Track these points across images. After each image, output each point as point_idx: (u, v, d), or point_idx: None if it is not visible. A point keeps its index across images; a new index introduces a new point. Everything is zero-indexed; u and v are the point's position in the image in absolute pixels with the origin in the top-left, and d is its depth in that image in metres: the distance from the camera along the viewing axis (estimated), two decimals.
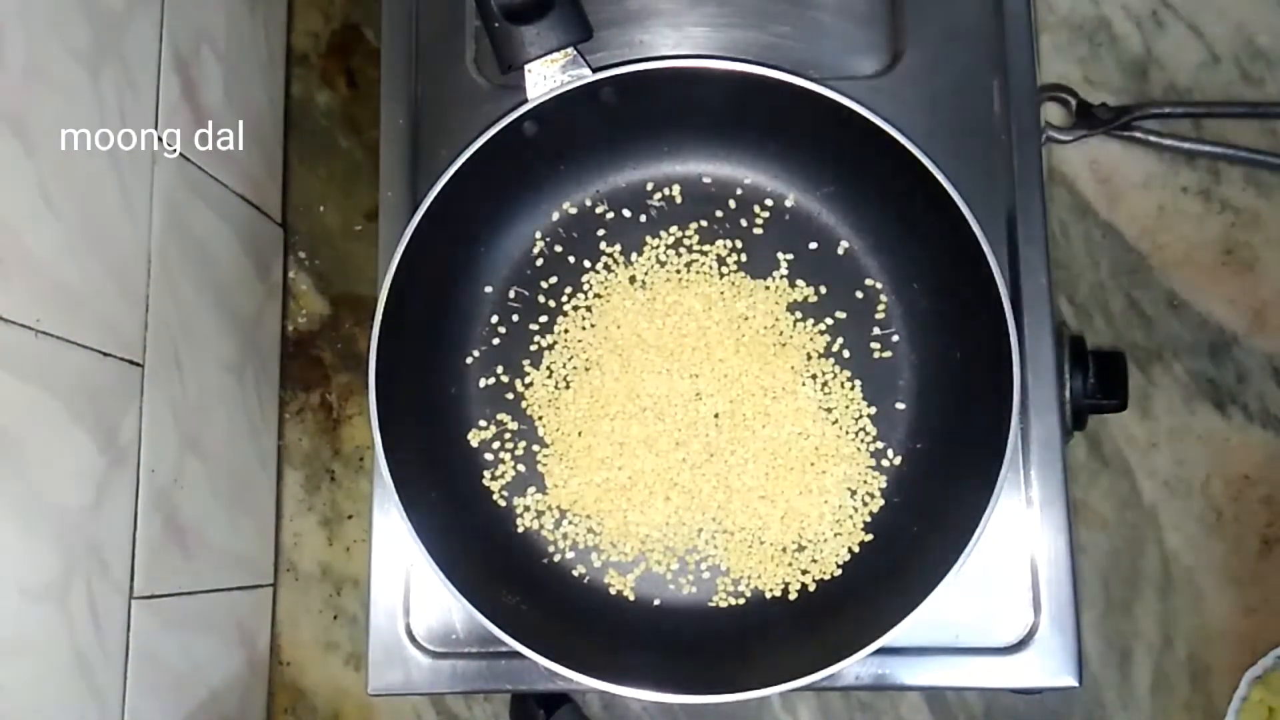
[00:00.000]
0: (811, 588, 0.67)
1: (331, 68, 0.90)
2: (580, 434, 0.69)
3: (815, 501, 0.68)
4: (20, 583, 0.57)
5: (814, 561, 0.67)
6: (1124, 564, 0.81)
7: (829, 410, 0.68)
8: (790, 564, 0.67)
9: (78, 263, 0.61)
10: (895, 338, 0.69)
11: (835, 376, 0.69)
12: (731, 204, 0.70)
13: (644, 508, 0.68)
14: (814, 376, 0.69)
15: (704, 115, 0.68)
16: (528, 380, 0.69)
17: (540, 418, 0.69)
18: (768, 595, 0.67)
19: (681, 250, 0.70)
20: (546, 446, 0.69)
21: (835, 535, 0.67)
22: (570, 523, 0.69)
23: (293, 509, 0.86)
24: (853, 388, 0.69)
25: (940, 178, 0.62)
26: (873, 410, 0.69)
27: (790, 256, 0.70)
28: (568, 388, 0.69)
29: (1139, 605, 0.80)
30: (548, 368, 0.69)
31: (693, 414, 0.68)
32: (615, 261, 0.70)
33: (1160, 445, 0.82)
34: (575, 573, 0.68)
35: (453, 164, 0.64)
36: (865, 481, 0.68)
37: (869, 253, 0.70)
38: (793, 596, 0.67)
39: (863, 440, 0.68)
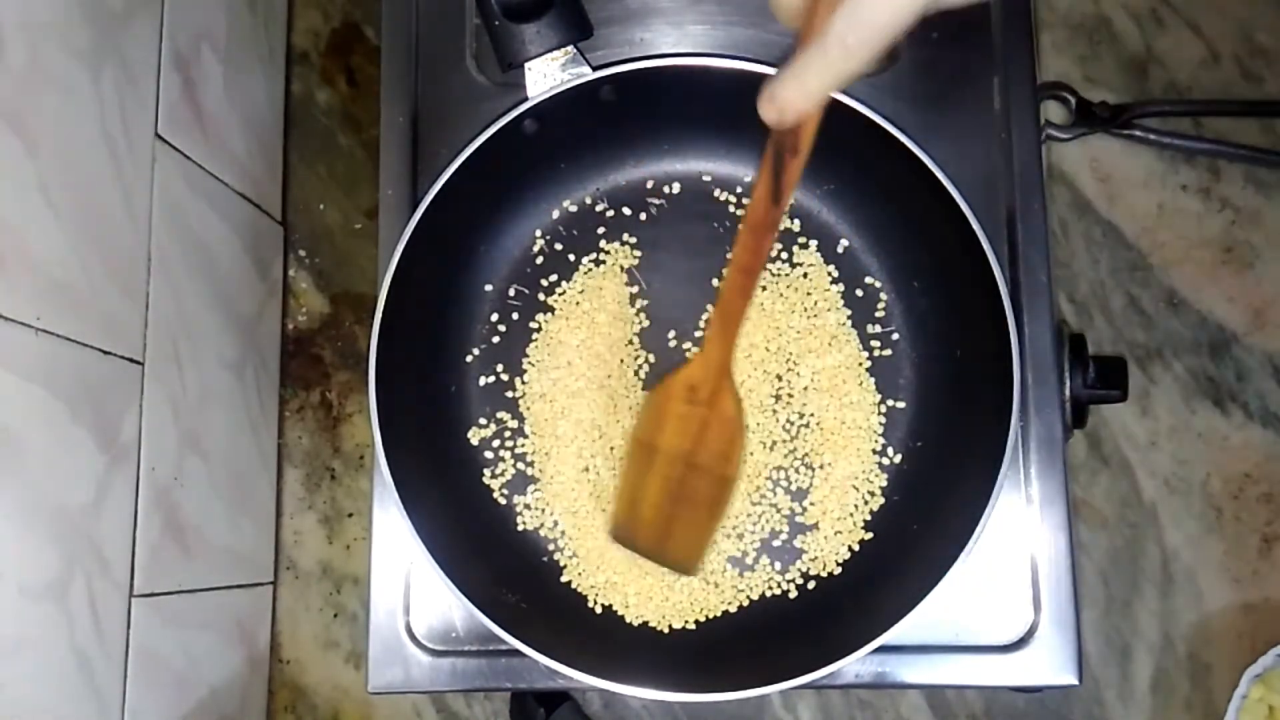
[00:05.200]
0: (811, 586, 0.67)
1: (332, 66, 0.90)
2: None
3: None
4: (20, 581, 0.57)
5: (814, 559, 0.67)
6: (1124, 562, 0.81)
7: None
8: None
9: (78, 261, 0.62)
10: (895, 336, 0.69)
11: None
12: (731, 202, 0.70)
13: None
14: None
15: (704, 113, 0.68)
16: (527, 378, 0.69)
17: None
18: (768, 593, 0.67)
19: (682, 247, 0.70)
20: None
21: (835, 533, 0.67)
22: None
23: (293, 507, 0.86)
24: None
25: (940, 176, 0.62)
26: None
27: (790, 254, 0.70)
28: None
29: (1139, 603, 0.80)
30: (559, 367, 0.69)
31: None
32: (615, 258, 0.70)
33: (1160, 443, 0.82)
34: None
35: (453, 162, 0.64)
36: (866, 479, 0.68)
37: (869, 251, 0.70)
38: (792, 594, 0.67)
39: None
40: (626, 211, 0.71)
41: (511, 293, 0.70)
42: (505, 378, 0.70)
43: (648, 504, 0.60)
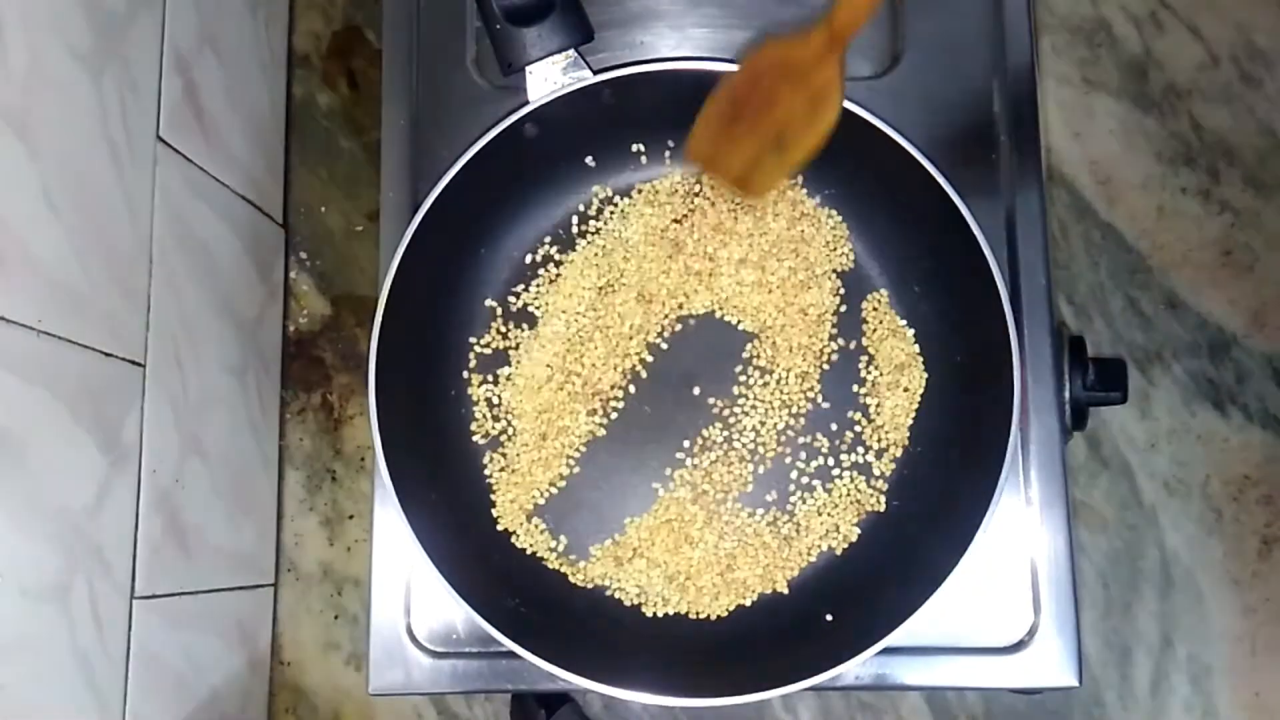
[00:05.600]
0: (811, 589, 0.67)
1: (333, 69, 0.90)
2: None
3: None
4: (22, 583, 0.57)
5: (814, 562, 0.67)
6: (1124, 564, 0.81)
7: None
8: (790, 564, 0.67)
9: (80, 263, 0.62)
10: None
11: None
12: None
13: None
14: None
15: None
16: (527, 380, 0.69)
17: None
18: (768, 595, 0.67)
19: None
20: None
21: (836, 533, 0.67)
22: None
23: (294, 509, 0.86)
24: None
25: (940, 179, 0.62)
26: None
27: None
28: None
29: (1139, 605, 0.80)
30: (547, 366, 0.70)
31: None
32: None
33: (1160, 446, 0.82)
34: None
35: (454, 165, 0.64)
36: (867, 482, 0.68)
37: (869, 253, 0.70)
38: (793, 597, 0.67)
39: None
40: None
41: (511, 295, 0.70)
42: (505, 380, 0.70)
43: (731, 145, 0.60)
